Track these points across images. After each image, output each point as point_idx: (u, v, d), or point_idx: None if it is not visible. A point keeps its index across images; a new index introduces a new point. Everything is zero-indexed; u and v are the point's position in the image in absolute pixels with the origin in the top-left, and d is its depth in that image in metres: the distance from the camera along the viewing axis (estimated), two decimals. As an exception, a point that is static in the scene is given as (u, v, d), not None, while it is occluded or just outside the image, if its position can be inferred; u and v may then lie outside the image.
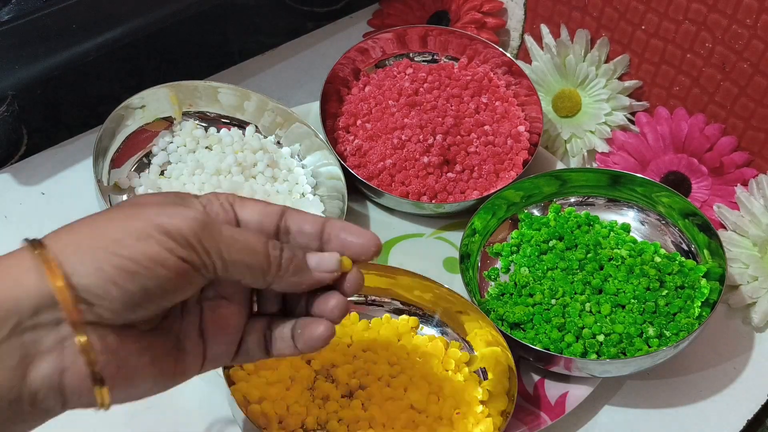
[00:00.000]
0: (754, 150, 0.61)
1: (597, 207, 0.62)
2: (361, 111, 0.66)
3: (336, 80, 0.67)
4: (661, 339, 0.53)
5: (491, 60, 0.69)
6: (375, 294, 0.55)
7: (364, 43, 0.68)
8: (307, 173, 0.63)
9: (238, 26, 0.76)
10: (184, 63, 0.74)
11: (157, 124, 0.62)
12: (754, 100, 0.59)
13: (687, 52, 0.62)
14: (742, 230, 0.60)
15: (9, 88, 0.60)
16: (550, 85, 0.70)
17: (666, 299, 0.54)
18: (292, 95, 0.69)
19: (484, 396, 0.49)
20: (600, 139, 0.68)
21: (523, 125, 0.67)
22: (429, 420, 0.48)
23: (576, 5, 0.67)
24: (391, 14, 0.76)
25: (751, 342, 0.59)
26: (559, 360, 0.51)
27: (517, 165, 0.65)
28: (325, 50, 0.76)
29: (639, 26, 0.64)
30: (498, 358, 0.50)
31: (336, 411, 0.48)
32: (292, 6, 0.80)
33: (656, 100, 0.66)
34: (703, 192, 0.63)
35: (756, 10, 0.56)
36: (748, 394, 0.56)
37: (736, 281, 0.59)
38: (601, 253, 0.57)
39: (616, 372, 0.52)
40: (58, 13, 0.57)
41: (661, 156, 0.64)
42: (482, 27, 0.74)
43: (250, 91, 0.63)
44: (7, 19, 0.55)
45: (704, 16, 0.59)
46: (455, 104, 0.66)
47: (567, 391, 0.53)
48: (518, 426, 0.50)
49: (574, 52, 0.67)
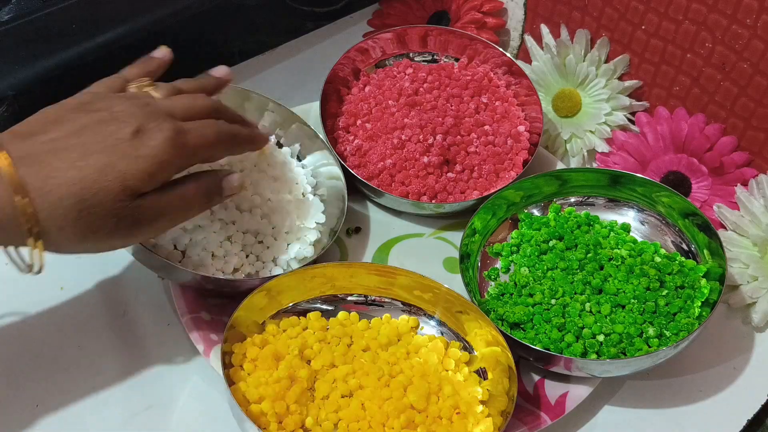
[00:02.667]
0: (754, 150, 0.61)
1: (597, 207, 0.62)
2: (361, 111, 0.66)
3: (336, 80, 0.67)
4: (661, 339, 0.53)
5: (491, 60, 0.69)
6: (375, 294, 0.55)
7: (364, 43, 0.68)
8: (307, 173, 0.63)
9: (238, 26, 0.76)
10: (184, 63, 0.74)
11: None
12: (754, 100, 0.59)
13: (687, 52, 0.62)
14: (742, 230, 0.60)
15: (9, 88, 0.60)
16: (550, 85, 0.70)
17: (666, 299, 0.54)
18: (292, 95, 0.69)
19: (484, 396, 0.49)
20: (600, 139, 0.68)
21: (523, 125, 0.67)
22: (429, 420, 0.48)
23: (576, 5, 0.67)
24: (391, 14, 0.77)
25: (751, 342, 0.59)
26: (559, 360, 0.51)
27: (517, 165, 0.65)
28: (325, 50, 0.76)
29: (639, 26, 0.64)
30: (498, 358, 0.50)
31: (336, 411, 0.48)
32: (292, 6, 0.80)
33: (656, 100, 0.66)
34: (703, 192, 0.63)
35: (756, 10, 0.56)
36: (748, 394, 0.56)
37: (736, 281, 0.59)
38: (601, 253, 0.57)
39: (616, 372, 0.52)
40: (58, 13, 0.57)
41: (661, 156, 0.64)
42: (482, 27, 0.74)
43: (250, 91, 0.63)
44: (7, 19, 0.55)
45: (704, 16, 0.59)
46: (455, 104, 0.66)
47: (567, 391, 0.53)
48: (518, 426, 0.50)
49: (574, 52, 0.67)
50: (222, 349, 0.48)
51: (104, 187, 0.42)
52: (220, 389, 0.52)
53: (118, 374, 0.52)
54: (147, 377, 0.52)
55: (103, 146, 0.42)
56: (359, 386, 0.49)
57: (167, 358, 0.53)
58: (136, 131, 0.43)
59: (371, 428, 0.47)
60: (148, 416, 0.51)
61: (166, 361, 0.53)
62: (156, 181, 0.44)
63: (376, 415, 0.47)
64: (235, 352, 0.49)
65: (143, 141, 0.43)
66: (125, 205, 0.43)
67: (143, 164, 0.43)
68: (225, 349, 0.49)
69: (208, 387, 0.52)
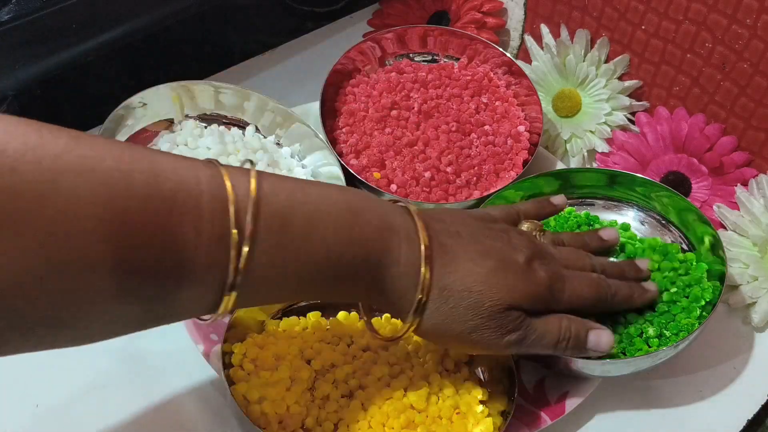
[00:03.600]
0: (754, 150, 0.61)
1: (597, 207, 0.62)
2: (360, 111, 0.66)
3: (336, 80, 0.67)
4: (661, 339, 0.53)
5: (491, 60, 0.69)
6: (375, 294, 0.55)
7: (364, 43, 0.68)
8: (307, 173, 0.63)
9: (238, 26, 0.76)
10: (184, 63, 0.74)
11: (157, 124, 0.62)
12: (754, 100, 0.59)
13: (687, 52, 0.62)
14: (742, 230, 0.60)
15: (9, 88, 0.60)
16: (550, 85, 0.70)
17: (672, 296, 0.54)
18: (292, 95, 0.69)
19: (484, 396, 0.49)
20: (600, 139, 0.68)
21: (523, 125, 0.67)
22: (429, 420, 0.48)
23: (576, 5, 0.67)
24: (391, 14, 0.76)
25: (751, 342, 0.59)
26: (559, 360, 0.51)
27: (517, 165, 0.65)
28: (325, 50, 0.76)
29: (639, 26, 0.64)
30: (498, 358, 0.50)
31: (336, 411, 0.48)
32: (292, 6, 0.80)
33: (656, 100, 0.66)
34: (703, 192, 0.63)
35: (756, 10, 0.56)
36: (748, 394, 0.56)
37: (736, 281, 0.59)
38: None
39: (616, 372, 0.52)
40: (58, 13, 0.57)
41: (661, 156, 0.64)
42: (482, 27, 0.74)
43: (250, 91, 0.63)
44: (6, 19, 0.55)
45: (704, 16, 0.59)
46: (455, 104, 0.66)
47: (567, 391, 0.53)
48: (518, 426, 0.50)
49: (574, 52, 0.67)
50: (222, 349, 0.48)
51: (491, 293, 0.42)
52: (220, 389, 0.52)
53: (118, 375, 0.52)
54: (147, 377, 0.52)
55: (500, 256, 0.44)
56: (359, 386, 0.49)
57: (167, 358, 0.53)
58: (528, 262, 0.45)
59: (371, 428, 0.47)
60: (147, 417, 0.51)
61: (166, 361, 0.53)
62: (523, 309, 0.44)
63: (377, 415, 0.47)
64: (236, 352, 0.49)
65: (531, 266, 0.45)
66: (497, 314, 0.43)
67: (524, 287, 0.44)
68: (225, 349, 0.49)
69: (208, 387, 0.52)
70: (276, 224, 0.36)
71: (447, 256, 0.42)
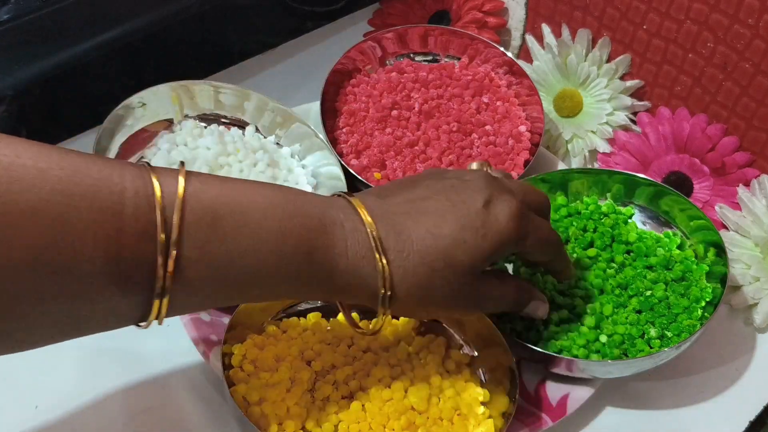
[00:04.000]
0: (755, 150, 0.61)
1: (598, 207, 0.62)
2: (361, 111, 0.66)
3: (336, 80, 0.67)
4: (662, 340, 0.52)
5: (492, 60, 0.69)
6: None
7: (364, 42, 0.68)
8: (307, 173, 0.63)
9: (238, 26, 0.76)
10: (184, 63, 0.74)
11: (156, 124, 0.61)
12: (755, 100, 0.59)
13: (689, 52, 0.62)
14: (744, 231, 0.60)
15: (8, 88, 0.60)
16: (552, 84, 0.70)
17: (669, 293, 0.54)
18: (292, 95, 0.69)
19: (485, 397, 0.49)
20: (601, 139, 0.67)
21: (525, 125, 0.67)
22: (429, 422, 0.48)
23: (577, 5, 0.67)
24: (392, 14, 0.76)
25: (753, 343, 0.58)
26: (561, 361, 0.51)
27: (519, 165, 0.65)
28: (325, 50, 0.76)
29: (641, 26, 0.64)
30: (499, 359, 0.50)
31: (336, 412, 0.48)
32: (292, 6, 0.80)
33: (658, 100, 0.66)
34: (705, 192, 0.63)
35: (758, 10, 0.56)
36: (751, 395, 0.55)
37: (738, 282, 0.59)
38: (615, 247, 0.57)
39: (618, 373, 0.51)
40: (58, 13, 0.57)
41: (662, 156, 0.64)
42: (483, 27, 0.74)
43: (250, 91, 0.63)
44: (6, 19, 0.55)
45: (706, 16, 0.59)
46: (456, 104, 0.66)
47: (568, 393, 0.52)
48: (519, 427, 0.50)
49: (576, 52, 0.67)
50: (222, 350, 0.48)
51: (455, 261, 0.41)
52: (219, 391, 0.52)
53: (118, 375, 0.52)
54: (146, 378, 0.52)
55: (456, 215, 0.42)
56: (360, 388, 0.49)
57: (167, 359, 0.53)
58: (486, 201, 0.43)
59: (372, 430, 0.47)
60: (147, 417, 0.51)
61: (166, 362, 0.53)
62: (489, 263, 0.43)
63: (377, 416, 0.47)
64: (235, 353, 0.49)
65: (491, 213, 0.43)
66: (466, 281, 0.42)
67: (488, 244, 0.42)
68: (225, 350, 0.49)
69: (207, 388, 0.52)
70: (206, 220, 0.35)
71: (400, 238, 0.41)
